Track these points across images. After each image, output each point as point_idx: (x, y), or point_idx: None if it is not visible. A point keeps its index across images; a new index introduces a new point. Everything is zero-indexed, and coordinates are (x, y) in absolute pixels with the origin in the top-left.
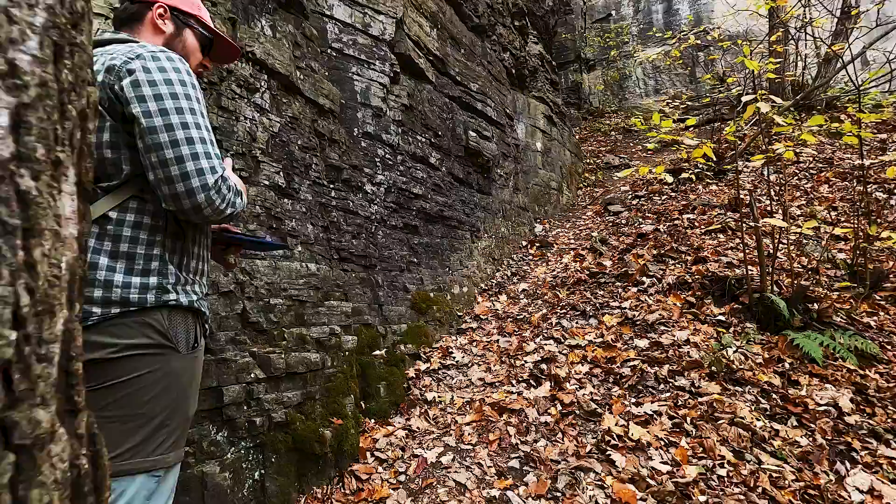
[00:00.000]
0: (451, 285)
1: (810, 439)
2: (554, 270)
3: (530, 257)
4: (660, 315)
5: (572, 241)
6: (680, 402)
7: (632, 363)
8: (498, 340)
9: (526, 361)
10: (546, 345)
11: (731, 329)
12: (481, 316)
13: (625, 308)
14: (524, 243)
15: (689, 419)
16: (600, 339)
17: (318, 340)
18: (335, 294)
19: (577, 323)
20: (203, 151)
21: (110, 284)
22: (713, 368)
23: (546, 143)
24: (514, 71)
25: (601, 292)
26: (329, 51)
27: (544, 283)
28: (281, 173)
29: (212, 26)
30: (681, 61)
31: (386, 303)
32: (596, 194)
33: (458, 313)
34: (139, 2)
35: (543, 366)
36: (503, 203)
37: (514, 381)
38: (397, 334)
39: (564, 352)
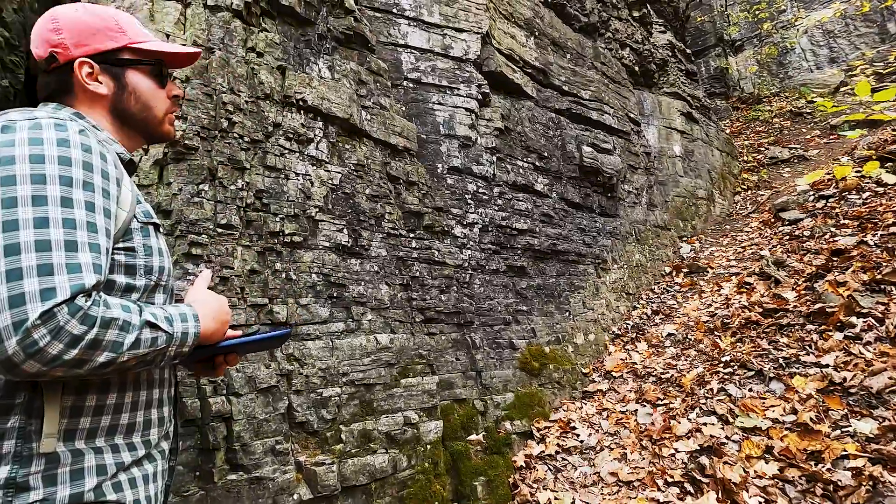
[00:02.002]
0: (573, 334)
1: None
2: (710, 306)
3: (676, 288)
4: (891, 378)
5: (733, 263)
6: None
7: (852, 463)
8: (636, 412)
9: (677, 450)
10: (705, 424)
11: None
12: (613, 373)
13: (826, 366)
14: (667, 270)
15: None
16: (791, 418)
17: (388, 435)
18: (416, 367)
19: (750, 389)
20: (37, 264)
21: None
22: None
23: (686, 145)
24: (637, 68)
25: (784, 340)
26: (405, 82)
27: (697, 324)
28: (345, 230)
29: (149, 46)
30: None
31: (486, 367)
32: (761, 198)
33: (583, 370)
34: (56, 69)
35: (704, 459)
36: (635, 224)
37: (660, 483)
38: (501, 407)
39: (735, 437)
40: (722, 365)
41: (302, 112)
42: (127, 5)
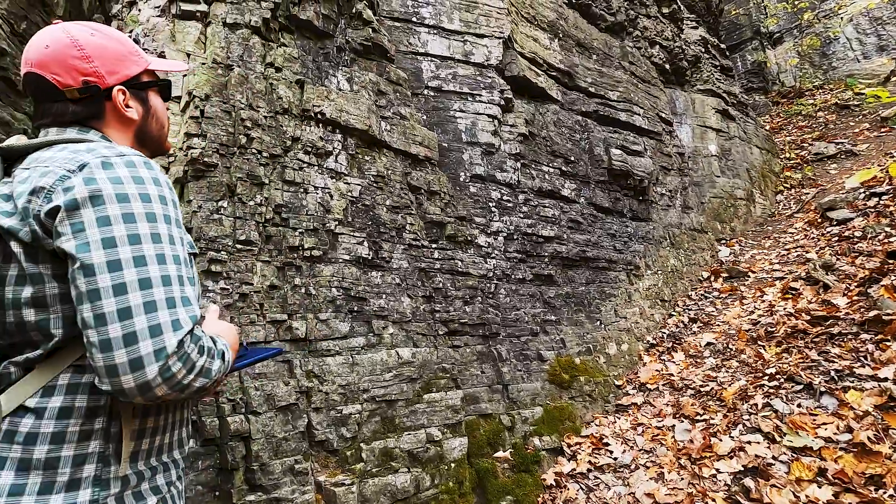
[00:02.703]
0: (605, 344)
1: None
2: (753, 313)
3: (715, 294)
4: None
5: (776, 266)
6: None
7: None
8: (674, 428)
9: (719, 470)
10: (749, 442)
11: None
12: (648, 385)
13: (884, 379)
14: (705, 275)
15: None
16: (846, 438)
17: (410, 453)
18: (439, 382)
19: (799, 405)
20: (164, 297)
21: None
22: None
23: (723, 144)
24: (667, 66)
25: (835, 351)
26: (425, 91)
27: (739, 332)
28: (365, 242)
29: (156, 66)
30: None
31: (513, 380)
32: (805, 197)
33: (616, 382)
34: (86, 97)
35: (748, 482)
36: (669, 228)
37: None
38: (529, 422)
39: (783, 458)
40: (767, 377)
41: (321, 125)
42: (150, 27)
